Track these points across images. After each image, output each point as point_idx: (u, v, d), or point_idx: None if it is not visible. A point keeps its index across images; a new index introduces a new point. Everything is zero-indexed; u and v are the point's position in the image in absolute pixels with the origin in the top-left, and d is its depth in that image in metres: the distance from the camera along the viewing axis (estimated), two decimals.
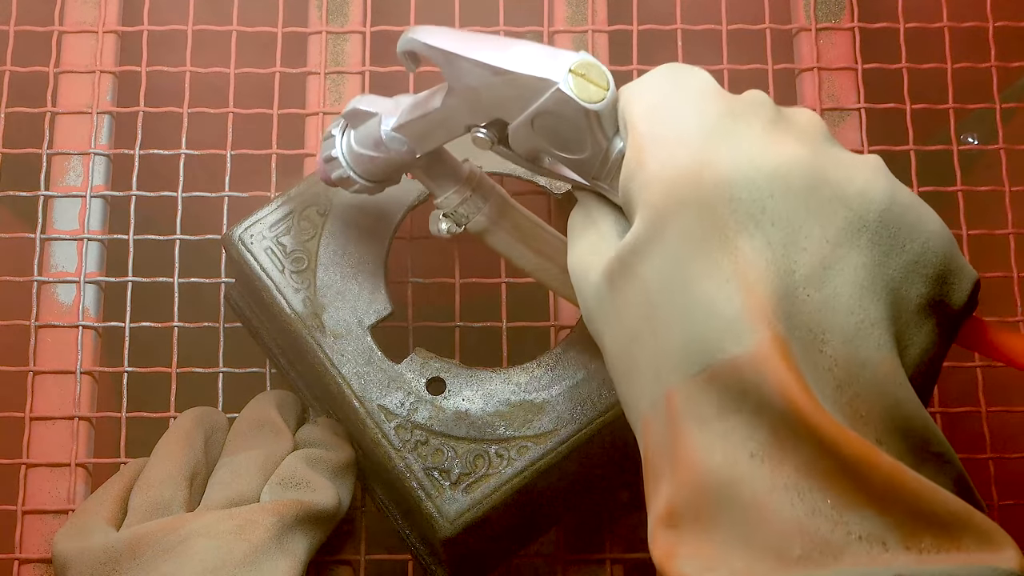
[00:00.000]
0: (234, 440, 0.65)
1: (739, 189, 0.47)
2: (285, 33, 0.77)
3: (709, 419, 0.46)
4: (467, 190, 0.59)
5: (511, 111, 0.53)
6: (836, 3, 0.78)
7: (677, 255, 0.47)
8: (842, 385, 0.46)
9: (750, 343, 0.45)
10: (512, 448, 0.62)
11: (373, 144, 0.59)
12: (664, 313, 0.48)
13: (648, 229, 0.48)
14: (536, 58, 0.52)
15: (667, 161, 0.48)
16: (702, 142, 0.48)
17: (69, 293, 0.72)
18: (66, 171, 0.74)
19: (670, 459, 0.47)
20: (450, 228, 0.59)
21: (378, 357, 0.63)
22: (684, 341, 0.47)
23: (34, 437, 0.70)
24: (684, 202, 0.47)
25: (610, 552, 0.68)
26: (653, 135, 0.49)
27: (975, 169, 0.81)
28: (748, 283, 0.46)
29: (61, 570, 0.61)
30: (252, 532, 0.59)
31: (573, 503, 0.68)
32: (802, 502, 0.45)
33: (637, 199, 0.49)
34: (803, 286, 0.47)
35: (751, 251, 0.47)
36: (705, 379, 0.46)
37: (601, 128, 0.51)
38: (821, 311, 0.47)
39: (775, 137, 0.49)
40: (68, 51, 0.77)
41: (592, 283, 0.51)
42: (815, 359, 0.46)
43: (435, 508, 0.61)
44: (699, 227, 0.47)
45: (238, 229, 0.66)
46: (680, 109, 0.50)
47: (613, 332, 0.50)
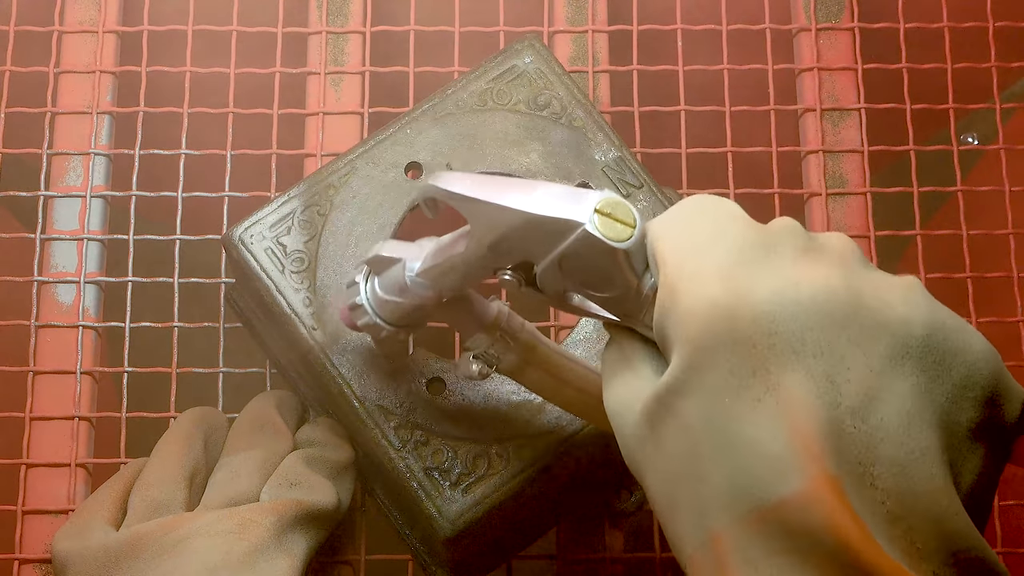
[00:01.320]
0: (234, 440, 0.65)
1: (777, 322, 0.46)
2: (285, 33, 0.77)
3: (759, 560, 0.45)
4: (496, 331, 0.58)
5: (537, 253, 0.52)
6: (836, 3, 0.78)
7: (718, 393, 0.46)
8: (895, 519, 0.45)
9: (799, 483, 0.44)
10: (512, 448, 0.62)
11: (398, 290, 0.58)
12: (708, 453, 0.46)
13: (686, 368, 0.47)
14: (560, 199, 0.50)
15: (701, 296, 0.47)
16: (735, 275, 0.47)
17: (69, 293, 0.72)
18: (66, 171, 0.74)
19: None
20: (481, 370, 0.58)
21: (378, 357, 0.63)
22: (730, 482, 0.46)
23: (34, 437, 0.70)
24: (721, 338, 0.46)
25: (610, 552, 0.68)
26: (685, 270, 0.48)
27: (975, 169, 0.81)
28: (793, 420, 0.45)
29: (61, 570, 0.61)
30: (251, 532, 0.59)
31: (573, 503, 0.68)
32: None
33: (673, 337, 0.48)
34: (850, 418, 0.46)
35: (794, 386, 0.46)
36: (754, 521, 0.45)
37: (631, 266, 0.50)
38: (870, 443, 0.45)
39: (809, 265, 0.48)
40: (68, 51, 0.76)
41: (631, 424, 0.50)
42: (866, 493, 0.45)
43: (435, 508, 0.61)
44: (739, 363, 0.46)
45: (238, 229, 0.66)
46: (710, 242, 0.48)
47: (655, 473, 0.49)
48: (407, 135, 0.67)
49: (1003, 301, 0.73)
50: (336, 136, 0.74)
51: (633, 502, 0.68)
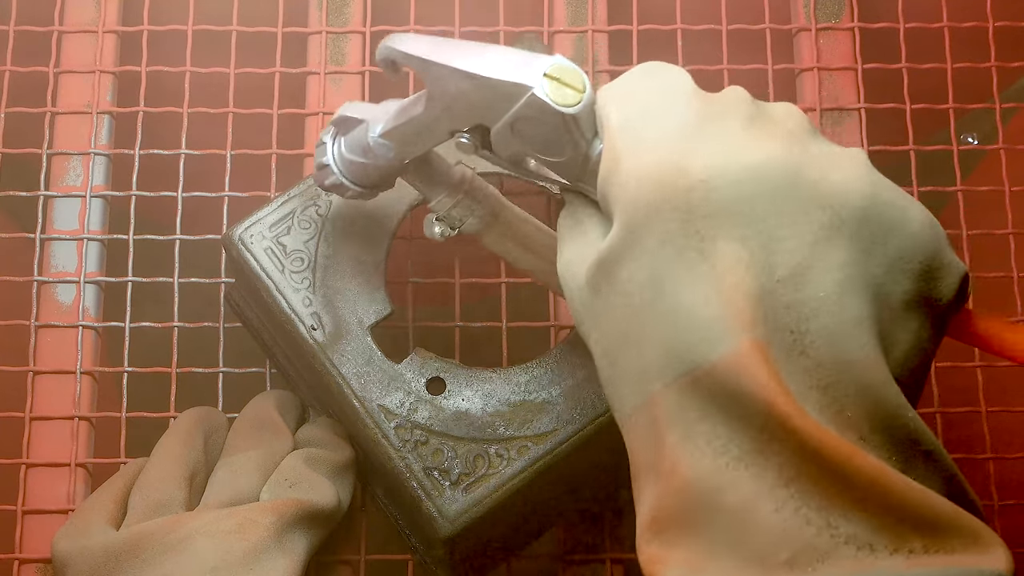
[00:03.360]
0: (234, 440, 0.65)
1: (714, 190, 0.47)
2: (285, 33, 0.77)
3: (692, 425, 0.46)
4: (459, 193, 0.59)
5: (491, 116, 0.53)
6: (836, 3, 0.78)
7: (654, 260, 0.47)
8: (825, 386, 0.46)
9: (729, 348, 0.45)
10: (512, 448, 0.62)
11: (362, 151, 0.59)
12: (644, 318, 0.47)
13: (625, 234, 0.48)
14: (511, 63, 0.52)
15: (642, 163, 0.48)
16: (677, 142, 0.48)
17: (69, 293, 0.72)
18: (66, 171, 0.74)
19: (655, 465, 0.47)
20: (443, 231, 0.60)
21: (378, 357, 0.63)
22: (664, 347, 0.47)
23: (34, 437, 0.70)
24: (659, 204, 0.47)
25: (610, 552, 0.68)
26: (628, 136, 0.49)
27: (975, 169, 0.81)
28: (725, 287, 0.46)
29: (61, 570, 0.61)
30: (251, 531, 0.59)
31: (573, 503, 0.68)
32: (787, 507, 0.44)
33: (614, 203, 0.49)
34: (782, 287, 0.46)
35: (728, 254, 0.46)
36: (686, 385, 0.46)
37: (579, 131, 0.51)
38: (802, 312, 0.46)
39: (752, 135, 0.48)
40: (68, 51, 0.77)
41: (577, 288, 0.51)
42: (797, 361, 0.46)
43: (435, 508, 0.61)
44: (675, 230, 0.47)
45: (238, 229, 0.66)
46: (656, 109, 0.49)
47: (597, 336, 0.50)
48: None
49: (1003, 301, 0.73)
50: None
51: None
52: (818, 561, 0.44)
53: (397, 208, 0.66)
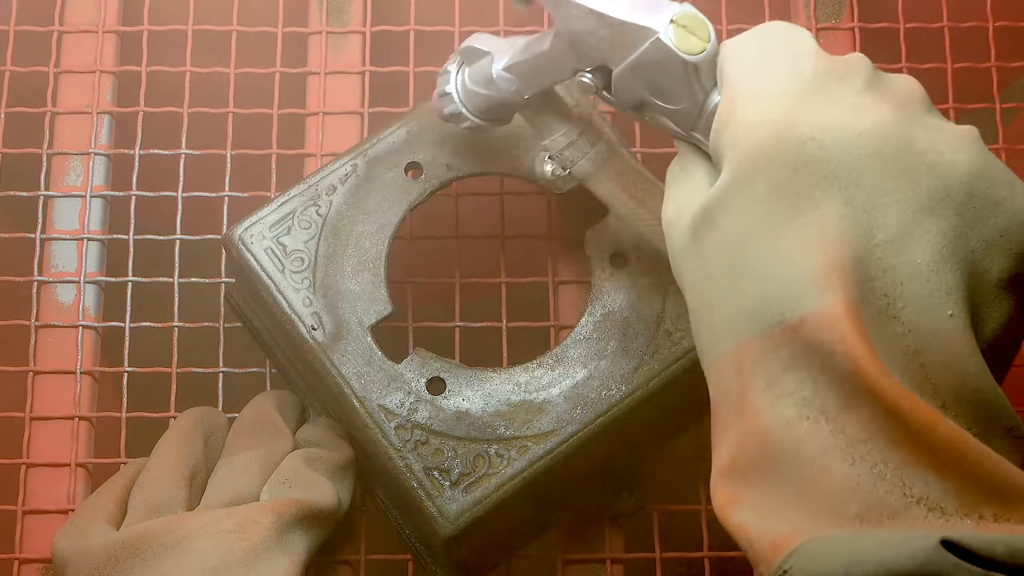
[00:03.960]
0: (234, 440, 0.65)
1: (826, 150, 0.48)
2: (285, 33, 0.77)
3: (777, 375, 0.47)
4: (574, 133, 0.60)
5: (615, 58, 0.54)
6: (836, 3, 0.78)
7: (759, 210, 0.48)
8: (913, 352, 0.47)
9: (822, 303, 0.46)
10: (512, 448, 0.62)
11: (485, 82, 0.60)
12: (742, 267, 0.48)
13: (733, 183, 0.49)
14: (640, 6, 0.53)
15: (757, 116, 0.49)
16: (794, 100, 0.49)
17: (69, 293, 0.72)
18: (66, 171, 0.74)
19: (737, 411, 0.48)
20: (555, 170, 0.61)
21: (378, 357, 0.63)
22: (759, 296, 0.48)
23: (34, 437, 0.70)
24: (770, 158, 0.48)
25: (610, 552, 0.68)
26: (747, 90, 0.50)
27: None
28: (826, 244, 0.47)
29: (61, 569, 0.61)
30: (251, 531, 0.59)
31: (573, 503, 0.68)
32: (863, 462, 0.45)
33: (725, 152, 0.50)
34: (881, 251, 0.47)
35: (832, 212, 0.47)
36: (776, 335, 0.47)
37: (699, 80, 0.52)
38: (897, 277, 0.47)
39: (868, 101, 0.49)
40: (68, 51, 0.76)
41: (679, 232, 0.52)
42: (888, 324, 0.47)
43: (435, 508, 0.61)
44: (783, 184, 0.48)
45: (238, 229, 0.66)
46: (776, 67, 0.50)
47: (694, 282, 0.51)
48: (407, 135, 0.67)
49: None
50: (336, 136, 0.74)
51: (633, 502, 0.68)
52: (888, 518, 0.45)
53: (397, 208, 0.66)
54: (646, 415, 0.64)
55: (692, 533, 0.69)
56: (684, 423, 0.69)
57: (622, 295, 0.65)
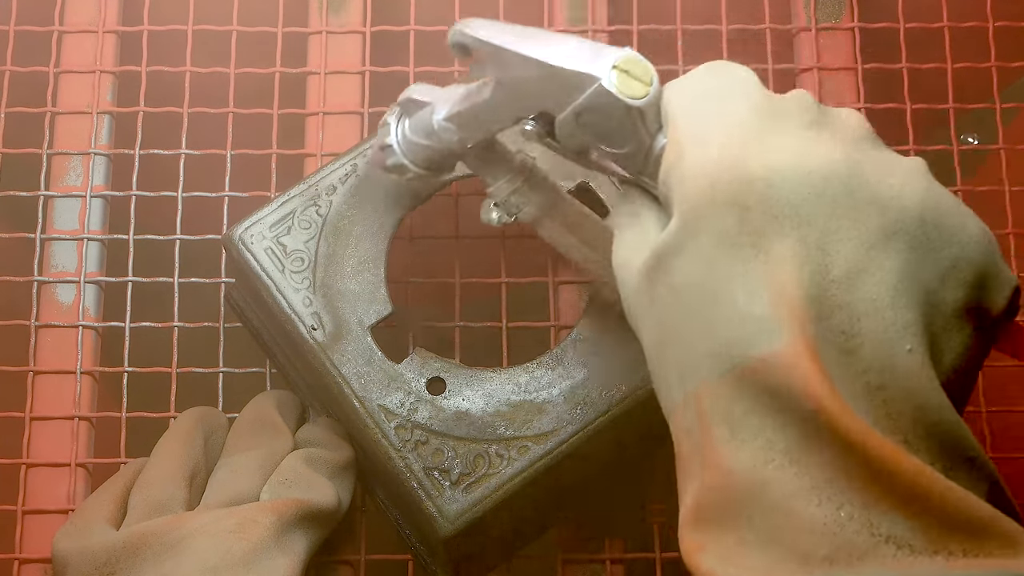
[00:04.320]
0: (234, 440, 0.65)
1: (774, 190, 0.47)
2: (285, 33, 0.77)
3: (738, 419, 0.47)
4: (518, 180, 0.60)
5: (557, 105, 0.53)
6: (836, 3, 0.78)
7: (710, 253, 0.48)
8: (873, 389, 0.46)
9: (778, 343, 0.46)
10: (512, 448, 0.62)
11: (425, 133, 0.60)
12: (696, 311, 0.48)
13: (683, 227, 0.49)
14: (580, 54, 0.52)
15: (704, 158, 0.49)
16: (740, 140, 0.49)
17: (69, 293, 0.72)
18: (66, 171, 0.74)
19: (699, 457, 0.48)
20: (500, 217, 0.61)
21: (378, 357, 0.63)
22: (715, 340, 0.47)
23: (34, 437, 0.70)
24: (718, 200, 0.48)
25: (610, 552, 0.68)
26: (692, 132, 0.50)
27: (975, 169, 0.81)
28: (779, 284, 0.46)
29: (61, 569, 0.61)
30: (251, 530, 0.59)
31: (573, 503, 0.68)
32: (829, 503, 0.45)
33: (673, 195, 0.49)
34: (836, 287, 0.47)
35: (784, 252, 0.47)
36: (733, 379, 0.47)
37: (644, 124, 0.52)
38: (853, 314, 0.47)
39: (815, 138, 0.49)
40: (68, 51, 0.76)
41: (631, 278, 0.51)
42: (846, 362, 0.46)
43: (435, 508, 0.61)
44: (733, 226, 0.47)
45: (238, 229, 0.66)
46: (720, 107, 0.50)
47: (648, 327, 0.51)
48: None
49: None
50: (336, 136, 0.74)
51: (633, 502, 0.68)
52: (857, 559, 0.44)
53: (397, 208, 0.66)
54: (646, 415, 0.64)
55: None
56: None
57: None
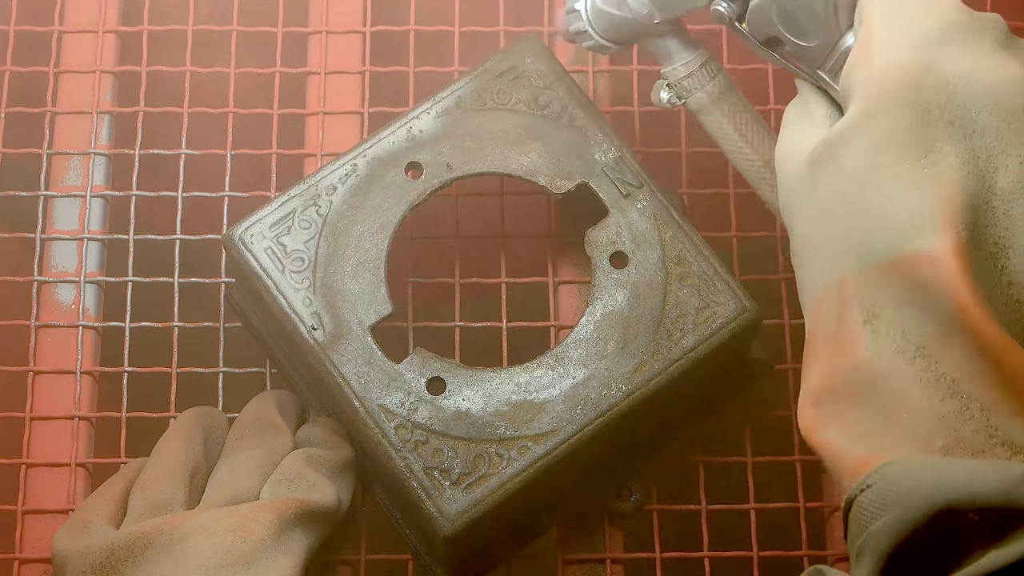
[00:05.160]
0: (234, 440, 0.65)
1: (957, 96, 0.49)
2: (285, 33, 0.77)
3: (878, 308, 0.48)
4: (695, 64, 0.62)
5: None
6: None
7: (882, 147, 0.49)
8: (1015, 302, 0.48)
9: (932, 243, 0.47)
10: (512, 448, 0.62)
11: (616, 3, 0.61)
12: (857, 202, 0.49)
13: (860, 120, 0.50)
14: None
15: (892, 58, 0.50)
16: (929, 46, 0.50)
17: (69, 293, 0.72)
18: (66, 171, 0.74)
19: (834, 339, 0.50)
20: (671, 99, 0.62)
21: (378, 357, 0.63)
22: (870, 231, 0.49)
23: (34, 437, 0.70)
24: (899, 99, 0.49)
25: (610, 552, 0.68)
26: (883, 32, 0.51)
27: None
28: (943, 186, 0.48)
29: (61, 569, 0.61)
30: (251, 530, 0.59)
31: (573, 503, 0.68)
32: (952, 399, 0.46)
33: (856, 91, 0.51)
34: (997, 200, 0.48)
35: (953, 157, 0.48)
36: (882, 269, 0.48)
37: (837, 19, 0.53)
38: (1011, 228, 0.48)
39: (1001, 56, 0.51)
40: (68, 51, 0.76)
41: (795, 165, 0.53)
42: (995, 272, 0.48)
43: (435, 508, 0.61)
44: (909, 125, 0.49)
45: (238, 229, 0.66)
46: (915, 13, 0.51)
47: (805, 214, 0.52)
48: (407, 135, 0.67)
49: None
50: (336, 136, 0.74)
51: (633, 503, 0.68)
52: (972, 456, 0.46)
53: (397, 208, 0.66)
54: (646, 415, 0.64)
55: (692, 533, 0.69)
56: (684, 423, 0.69)
57: (622, 295, 0.65)
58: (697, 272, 0.65)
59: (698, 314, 0.64)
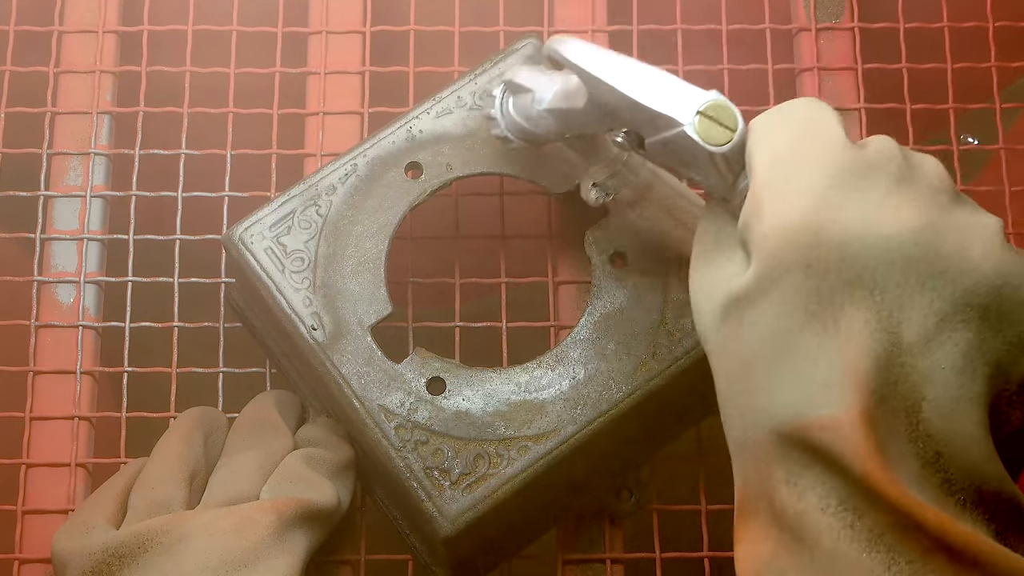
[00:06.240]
0: (234, 440, 0.65)
1: (853, 254, 0.48)
2: (285, 33, 0.77)
3: (797, 470, 0.48)
4: (617, 164, 0.62)
5: (644, 131, 0.55)
6: (836, 3, 0.78)
7: (784, 311, 0.48)
8: (934, 454, 0.47)
9: (837, 408, 0.47)
10: (512, 448, 0.62)
11: (525, 117, 0.63)
12: (764, 362, 0.49)
13: (760, 281, 0.49)
14: (667, 94, 0.53)
15: (784, 216, 0.49)
16: (820, 201, 0.49)
17: (69, 293, 0.72)
18: (66, 171, 0.74)
19: (764, 499, 0.49)
20: (598, 197, 0.63)
21: (378, 357, 0.63)
22: (778, 394, 0.48)
23: (34, 437, 0.70)
24: (796, 262, 0.48)
25: (610, 552, 0.68)
26: (773, 188, 0.50)
27: (975, 169, 0.81)
28: (848, 350, 0.47)
29: (60, 569, 0.61)
30: (251, 530, 0.59)
31: (573, 503, 0.68)
32: (877, 554, 0.46)
33: (753, 247, 0.50)
34: (906, 356, 0.47)
35: (856, 317, 0.47)
36: (793, 432, 0.48)
37: (728, 166, 0.53)
38: (920, 382, 0.47)
39: (895, 200, 0.49)
40: (68, 51, 0.76)
41: (709, 310, 0.52)
42: (909, 427, 0.47)
43: (435, 508, 0.61)
44: (809, 288, 0.48)
45: (238, 229, 0.66)
46: (803, 162, 0.50)
47: (719, 364, 0.52)
48: (407, 135, 0.67)
49: None
50: (336, 136, 0.74)
51: (633, 503, 0.68)
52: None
53: (397, 208, 0.66)
54: (646, 415, 0.64)
55: (692, 533, 0.69)
56: (684, 423, 0.69)
57: (622, 295, 0.65)
58: None
59: None
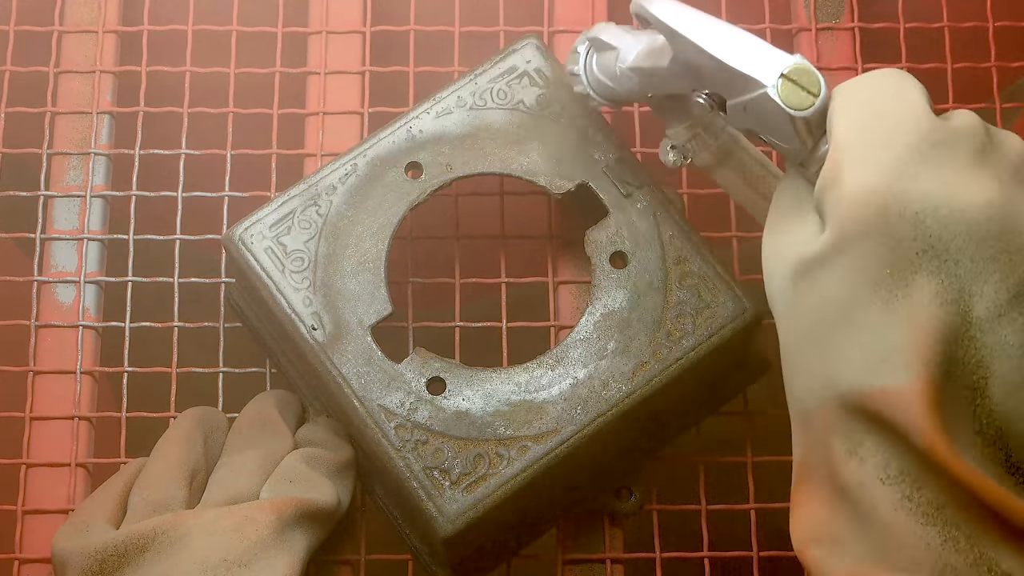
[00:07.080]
0: (234, 439, 0.65)
1: (927, 225, 0.48)
2: (285, 33, 0.77)
3: (857, 439, 0.48)
4: (697, 127, 0.61)
5: (727, 93, 0.55)
6: (836, 3, 0.78)
7: (856, 277, 0.49)
8: (995, 430, 0.47)
9: (902, 379, 0.47)
10: (512, 448, 0.62)
11: (609, 75, 0.63)
12: (831, 329, 0.49)
13: (834, 245, 0.49)
14: (752, 56, 0.53)
15: (861, 183, 0.49)
16: (901, 170, 0.49)
17: (69, 293, 0.72)
18: (66, 171, 0.74)
19: (824, 465, 0.50)
20: (676, 160, 0.63)
21: (378, 357, 0.63)
22: (843, 360, 0.48)
23: (34, 437, 0.70)
24: (871, 228, 0.48)
25: (610, 552, 0.68)
26: (853, 153, 0.50)
27: None
28: (916, 319, 0.47)
29: (60, 569, 0.61)
30: (251, 529, 0.59)
31: (573, 503, 0.68)
32: (935, 526, 0.46)
33: (829, 212, 0.50)
34: (974, 330, 0.48)
35: (927, 288, 0.48)
36: (855, 401, 0.48)
37: (808, 130, 0.52)
38: (987, 358, 0.47)
39: (976, 174, 0.49)
40: (68, 51, 0.76)
41: (780, 273, 0.52)
42: (973, 402, 0.47)
43: (435, 508, 0.61)
44: (882, 255, 0.48)
45: (238, 229, 0.66)
46: (884, 130, 0.50)
47: (790, 328, 0.52)
48: (407, 135, 0.67)
49: None
50: (336, 136, 0.74)
51: (633, 502, 0.68)
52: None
53: (397, 208, 0.66)
54: (646, 415, 0.64)
55: (692, 533, 0.69)
56: (684, 423, 0.69)
57: (622, 295, 0.65)
58: (697, 272, 0.65)
59: (698, 314, 0.64)
